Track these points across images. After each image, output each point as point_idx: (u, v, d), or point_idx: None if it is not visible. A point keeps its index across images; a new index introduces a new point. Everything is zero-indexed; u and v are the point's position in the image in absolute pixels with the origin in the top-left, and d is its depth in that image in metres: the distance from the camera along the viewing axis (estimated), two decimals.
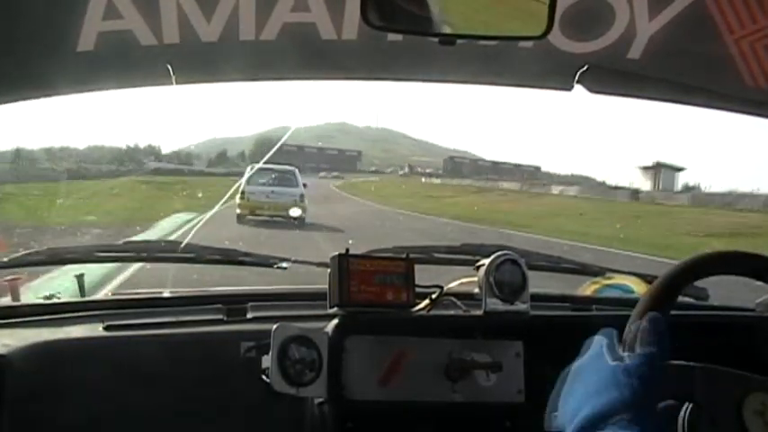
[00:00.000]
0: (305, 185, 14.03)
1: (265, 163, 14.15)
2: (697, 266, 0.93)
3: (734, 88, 1.41)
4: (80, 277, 1.64)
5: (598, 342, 0.85)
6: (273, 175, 13.40)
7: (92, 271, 1.72)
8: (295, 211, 12.84)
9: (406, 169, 67.16)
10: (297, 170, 13.97)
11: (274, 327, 1.15)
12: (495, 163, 72.47)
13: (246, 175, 13.10)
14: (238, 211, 12.09)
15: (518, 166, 71.54)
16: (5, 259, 1.55)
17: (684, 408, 0.85)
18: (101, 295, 1.59)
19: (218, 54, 1.36)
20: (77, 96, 1.41)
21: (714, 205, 24.12)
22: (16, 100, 1.36)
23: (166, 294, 1.55)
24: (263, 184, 12.79)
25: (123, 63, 1.35)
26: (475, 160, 77.05)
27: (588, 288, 1.83)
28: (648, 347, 0.79)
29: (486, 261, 1.32)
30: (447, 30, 1.13)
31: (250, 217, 12.24)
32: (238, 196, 12.40)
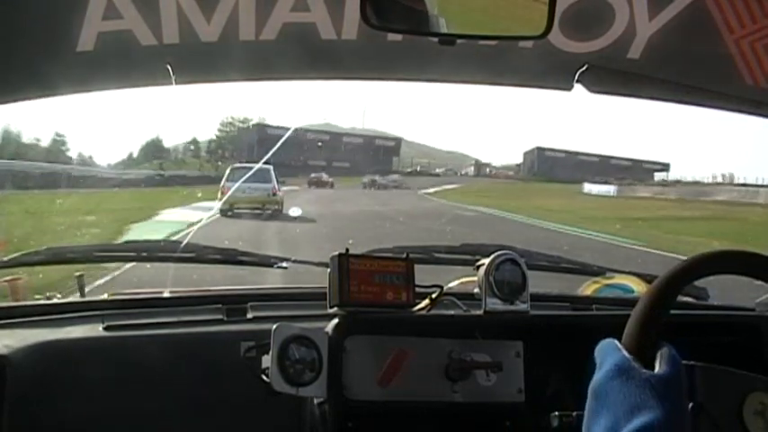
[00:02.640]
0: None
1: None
2: (697, 266, 0.93)
3: (733, 88, 1.42)
4: (80, 277, 1.64)
5: (612, 355, 0.80)
6: (249, 173, 14.87)
7: None
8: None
9: (470, 170, 51.18)
10: (272, 168, 14.92)
11: (274, 326, 1.15)
12: (604, 157, 46.96)
13: (226, 175, 14.50)
14: (220, 206, 13.31)
15: (639, 162, 45.09)
16: (5, 259, 1.55)
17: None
18: (101, 295, 1.59)
19: (218, 54, 1.36)
20: None
21: None
22: (16, 100, 1.36)
23: (166, 294, 1.55)
24: (241, 181, 14.06)
25: (123, 63, 1.35)
26: (573, 153, 47.71)
27: (588, 288, 1.83)
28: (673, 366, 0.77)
29: (486, 261, 1.32)
30: (447, 30, 1.13)
31: (235, 211, 13.77)
32: (219, 193, 13.72)
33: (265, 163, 15.95)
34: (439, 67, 1.49)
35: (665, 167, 42.92)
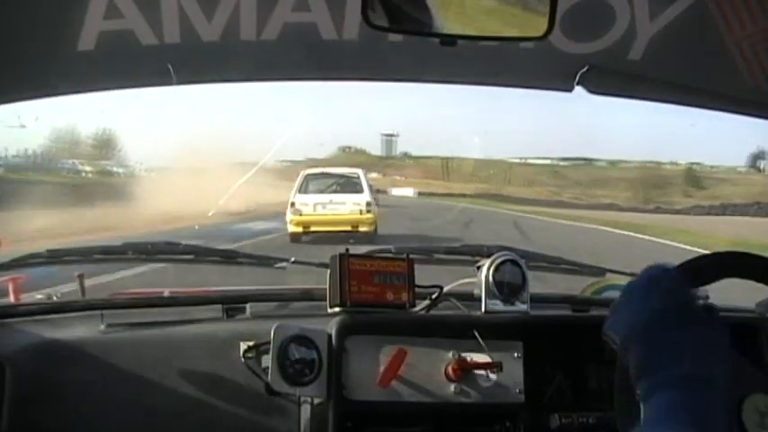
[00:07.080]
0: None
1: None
2: (697, 268, 0.93)
3: (734, 89, 1.42)
4: (80, 277, 1.64)
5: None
6: (331, 181, 10.63)
7: None
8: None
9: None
10: (362, 172, 11.13)
11: (274, 326, 1.15)
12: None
13: (298, 183, 10.56)
14: (290, 228, 9.92)
15: None
16: (6, 259, 1.55)
17: None
18: (101, 295, 1.59)
19: (219, 54, 1.36)
20: None
21: None
22: (17, 100, 1.36)
23: (166, 294, 1.55)
24: (319, 192, 10.28)
25: (124, 63, 1.35)
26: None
27: (588, 289, 1.83)
28: None
29: (487, 261, 1.33)
30: (448, 30, 1.13)
31: (311, 235, 9.60)
32: (289, 210, 10.21)
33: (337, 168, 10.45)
34: (440, 67, 1.49)
35: None
